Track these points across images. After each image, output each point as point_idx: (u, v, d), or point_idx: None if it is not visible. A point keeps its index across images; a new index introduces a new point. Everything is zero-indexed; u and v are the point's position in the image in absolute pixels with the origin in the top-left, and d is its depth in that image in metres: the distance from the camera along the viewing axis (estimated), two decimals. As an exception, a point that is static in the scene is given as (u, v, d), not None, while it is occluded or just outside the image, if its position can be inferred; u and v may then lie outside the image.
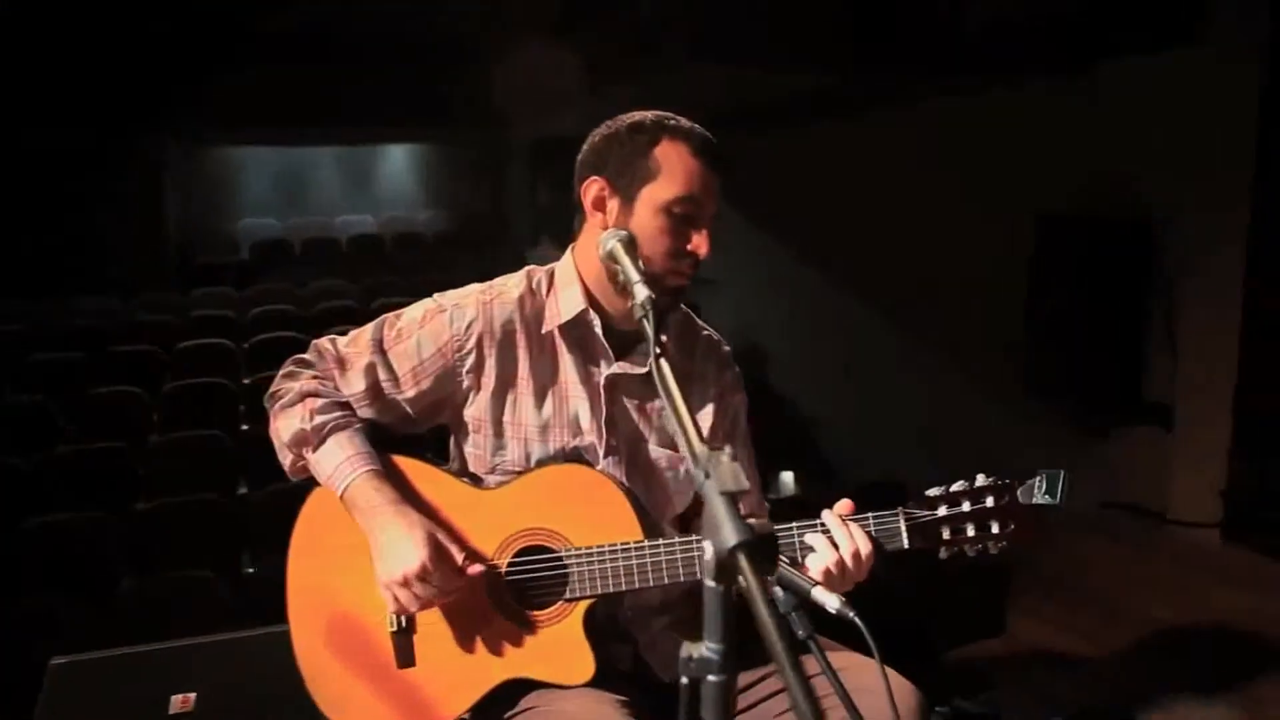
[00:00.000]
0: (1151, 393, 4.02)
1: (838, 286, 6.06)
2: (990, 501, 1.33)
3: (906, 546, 1.32)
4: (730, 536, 0.74)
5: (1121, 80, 3.99)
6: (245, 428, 4.42)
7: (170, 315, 6.63)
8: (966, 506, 1.33)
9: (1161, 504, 3.84)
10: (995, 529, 1.33)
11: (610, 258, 1.25)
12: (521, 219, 12.17)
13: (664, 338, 1.44)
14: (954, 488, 1.34)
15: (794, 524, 1.31)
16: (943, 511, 1.33)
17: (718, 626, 0.81)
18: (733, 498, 0.77)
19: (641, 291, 1.14)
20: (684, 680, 0.81)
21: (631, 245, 1.27)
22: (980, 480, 1.34)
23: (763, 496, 1.62)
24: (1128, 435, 4.07)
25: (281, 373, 1.44)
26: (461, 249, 11.64)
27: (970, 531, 1.33)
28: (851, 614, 1.07)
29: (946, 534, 1.33)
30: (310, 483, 1.42)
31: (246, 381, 4.85)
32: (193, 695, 2.02)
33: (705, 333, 1.55)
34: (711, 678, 0.81)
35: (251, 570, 3.46)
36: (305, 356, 1.45)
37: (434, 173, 13.57)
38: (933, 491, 1.35)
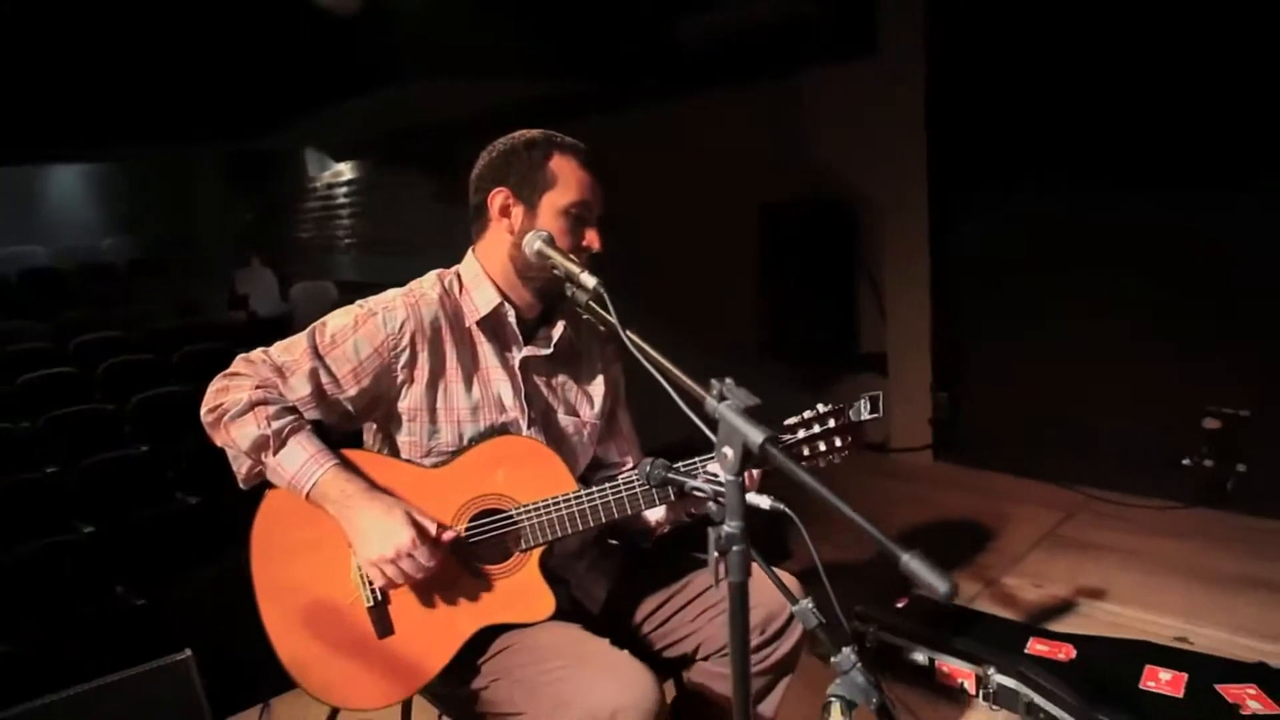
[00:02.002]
0: (867, 346, 4.79)
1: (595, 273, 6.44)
2: (832, 423, 1.70)
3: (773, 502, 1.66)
4: (757, 436, 1.02)
5: (821, 85, 4.70)
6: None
7: None
8: (817, 429, 1.69)
9: (884, 436, 4.61)
10: (838, 443, 1.70)
11: (540, 255, 1.49)
12: (221, 239, 11.42)
13: (562, 324, 1.70)
14: (805, 415, 1.70)
15: (696, 458, 1.61)
16: (801, 434, 1.69)
17: (737, 510, 1.09)
18: (750, 410, 1.06)
19: (590, 280, 1.39)
20: (714, 553, 1.09)
21: (552, 243, 1.52)
22: (821, 408, 1.71)
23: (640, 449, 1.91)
24: (851, 383, 4.80)
25: (214, 388, 1.51)
26: (159, 276, 10.77)
27: (822, 448, 1.69)
28: (783, 507, 1.39)
29: (806, 452, 1.69)
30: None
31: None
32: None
33: (585, 317, 1.81)
34: (736, 548, 1.09)
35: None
36: (236, 370, 1.53)
37: (113, 195, 12.36)
38: (790, 420, 1.70)
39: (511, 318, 1.63)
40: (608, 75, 5.82)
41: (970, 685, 2.38)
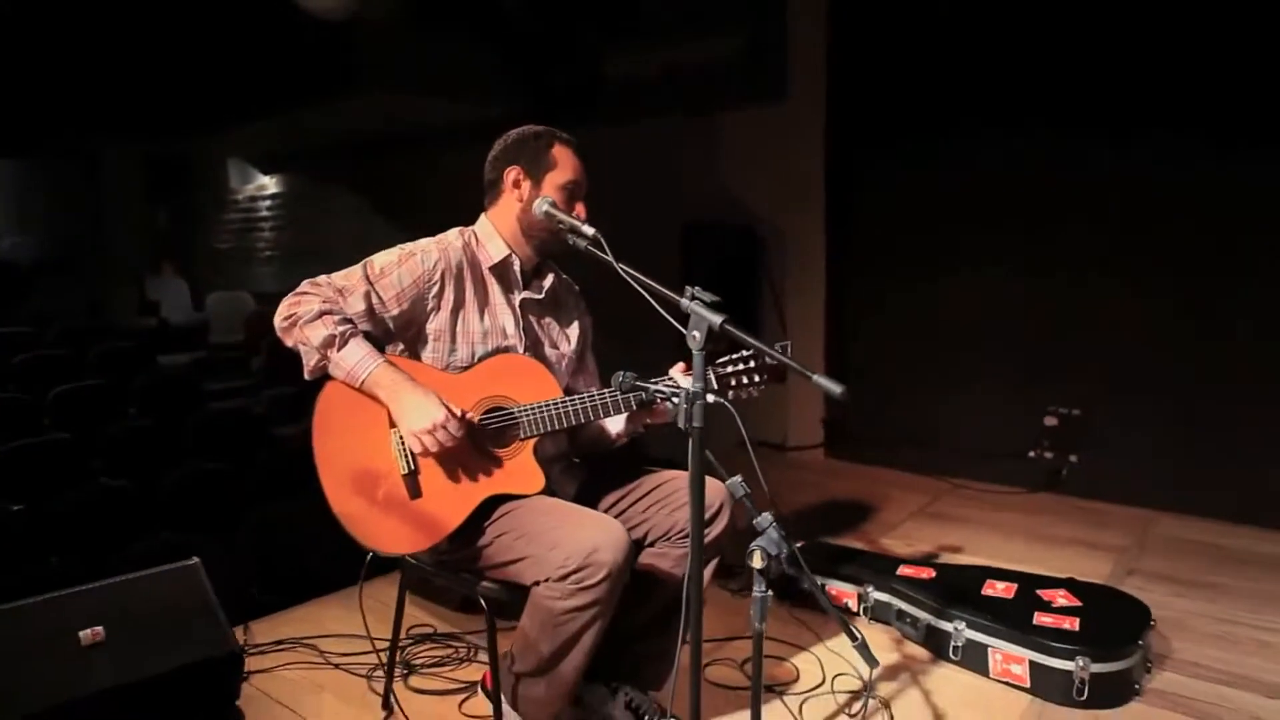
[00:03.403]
0: (769, 356, 5.39)
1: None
2: (753, 363, 2.23)
3: (716, 389, 2.17)
4: (717, 319, 1.54)
5: (737, 123, 5.34)
6: None
7: None
8: (742, 366, 2.21)
9: (781, 437, 5.21)
10: (758, 379, 2.22)
11: (549, 216, 1.99)
12: (132, 243, 11.35)
13: (551, 276, 2.19)
14: (732, 356, 2.22)
15: (651, 380, 2.10)
16: (729, 369, 2.20)
17: (700, 375, 1.60)
18: (712, 304, 1.57)
19: (589, 229, 1.89)
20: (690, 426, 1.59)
21: (556, 207, 2.01)
22: (745, 352, 2.23)
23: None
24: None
25: (287, 303, 1.94)
26: (65, 277, 10.67)
27: (744, 380, 2.21)
28: (725, 401, 1.89)
29: (732, 382, 2.20)
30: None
31: None
32: (100, 629, 2.28)
33: (563, 275, 2.31)
34: (698, 401, 1.59)
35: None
36: (304, 290, 1.96)
37: (12, 194, 12.12)
38: (721, 360, 2.23)
39: (516, 267, 2.12)
40: (540, 101, 6.33)
41: (853, 603, 2.93)
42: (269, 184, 10.27)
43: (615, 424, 2.21)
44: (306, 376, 1.96)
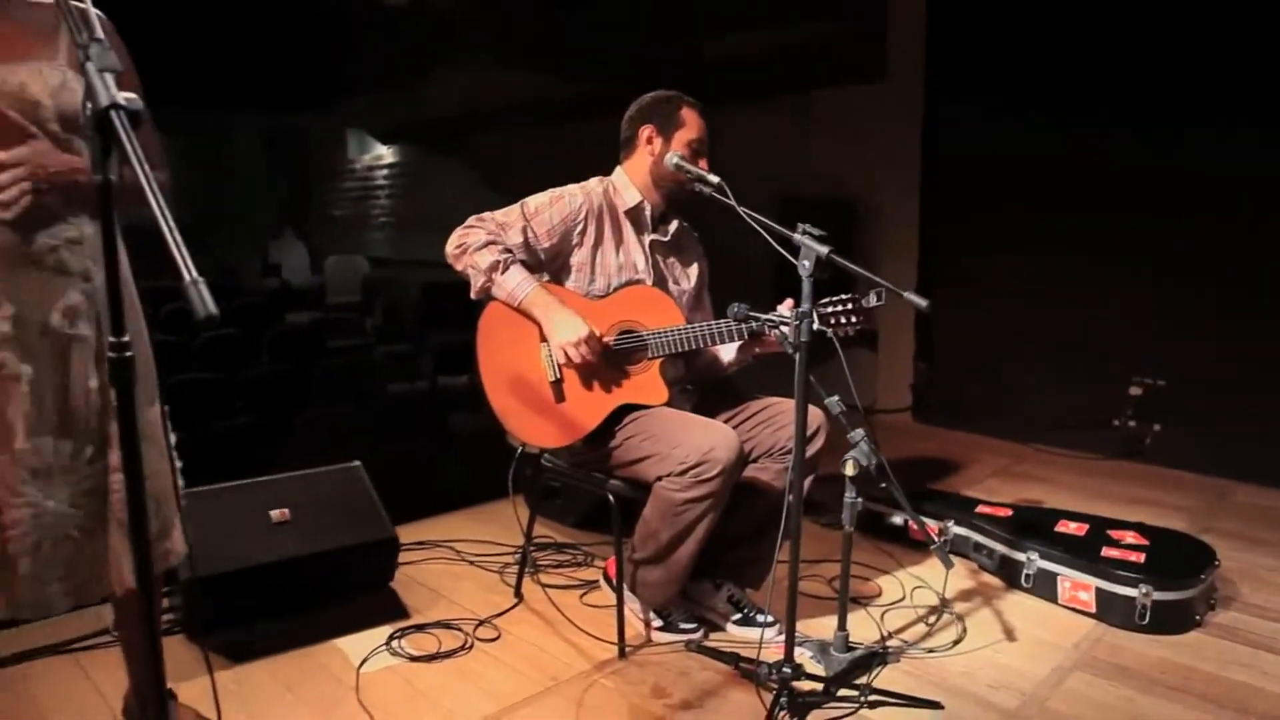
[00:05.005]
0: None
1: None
2: (850, 305, 2.51)
3: (818, 325, 2.46)
4: (824, 250, 1.84)
5: (833, 101, 5.58)
6: None
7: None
8: (841, 307, 2.50)
9: (871, 400, 5.45)
10: (854, 319, 2.50)
11: (678, 167, 2.32)
12: (257, 210, 12.12)
13: (676, 222, 2.52)
14: (833, 299, 2.50)
15: (762, 315, 2.41)
16: (830, 309, 2.48)
17: (808, 298, 1.90)
18: (820, 237, 1.87)
19: (714, 178, 2.21)
20: (798, 342, 1.90)
21: (685, 159, 2.34)
22: (844, 296, 2.52)
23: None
24: (846, 356, 5.63)
25: (457, 233, 2.33)
26: (199, 240, 11.46)
27: (843, 320, 2.50)
28: (828, 331, 2.19)
29: (832, 320, 2.49)
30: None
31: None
32: (287, 510, 2.71)
33: (685, 223, 2.63)
34: (805, 321, 1.90)
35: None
36: (471, 225, 2.34)
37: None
38: (823, 301, 2.52)
39: (647, 212, 2.45)
40: (642, 79, 6.64)
41: (934, 537, 3.19)
42: (385, 154, 10.87)
43: (727, 353, 2.53)
44: (473, 296, 2.34)
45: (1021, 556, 2.87)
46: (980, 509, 3.19)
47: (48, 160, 1.53)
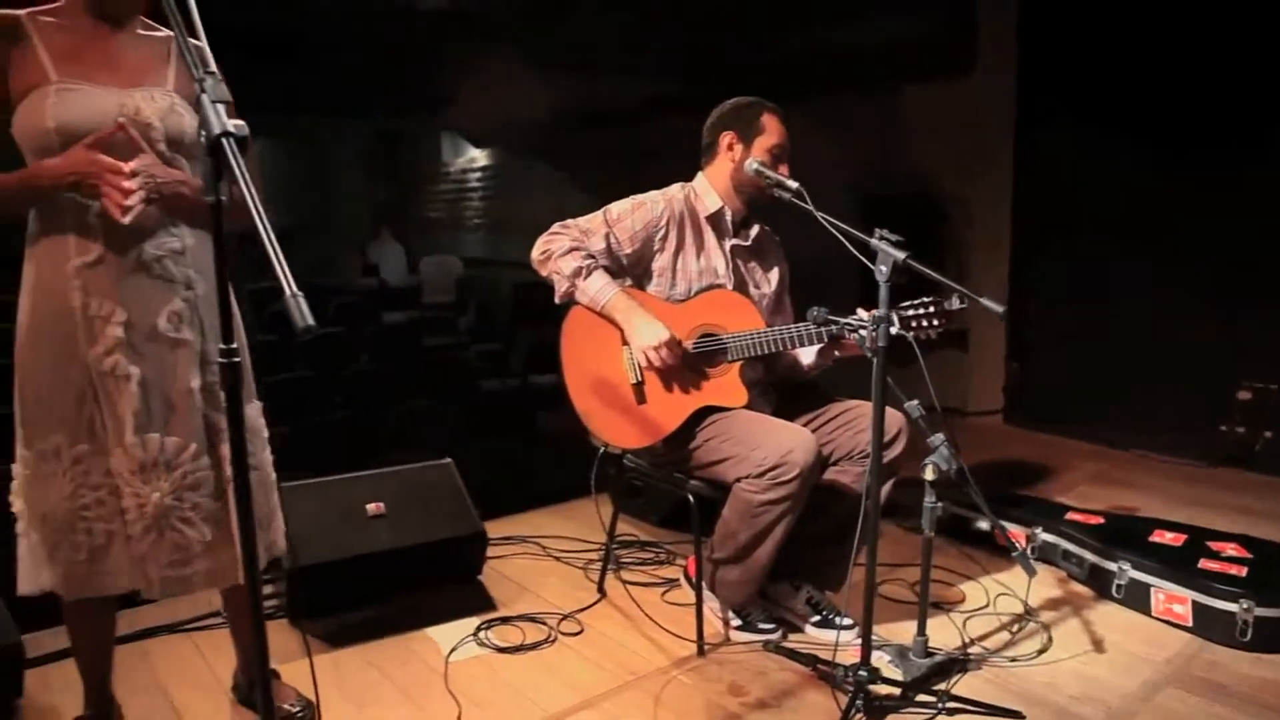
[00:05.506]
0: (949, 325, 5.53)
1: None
2: (932, 308, 2.48)
3: (898, 328, 2.45)
4: (901, 255, 1.84)
5: (919, 96, 5.48)
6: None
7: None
8: (923, 310, 2.48)
9: (962, 401, 5.35)
10: (936, 322, 2.48)
11: (758, 173, 2.34)
12: (355, 211, 12.55)
13: (757, 227, 2.54)
14: (914, 301, 2.49)
15: (841, 319, 2.42)
16: (910, 313, 2.47)
17: (886, 303, 1.91)
18: (897, 243, 1.87)
19: (793, 183, 2.23)
20: (876, 347, 1.91)
21: (765, 165, 2.36)
22: (926, 298, 2.50)
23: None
24: (937, 356, 5.54)
25: (542, 240, 2.40)
26: (301, 241, 11.98)
27: (924, 323, 2.48)
28: (909, 335, 2.19)
29: (913, 324, 2.47)
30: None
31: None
32: (381, 504, 2.84)
33: (766, 227, 2.65)
34: (883, 325, 1.90)
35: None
36: (555, 231, 2.41)
37: (262, 171, 13.65)
38: (904, 304, 2.50)
39: (728, 217, 2.49)
40: (728, 80, 6.64)
41: (1021, 543, 3.13)
42: (478, 157, 11.14)
43: (807, 356, 2.54)
44: (556, 301, 2.41)
45: (1113, 566, 2.79)
46: (1070, 515, 3.11)
47: (158, 172, 1.67)
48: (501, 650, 2.49)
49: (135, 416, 1.70)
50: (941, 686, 2.23)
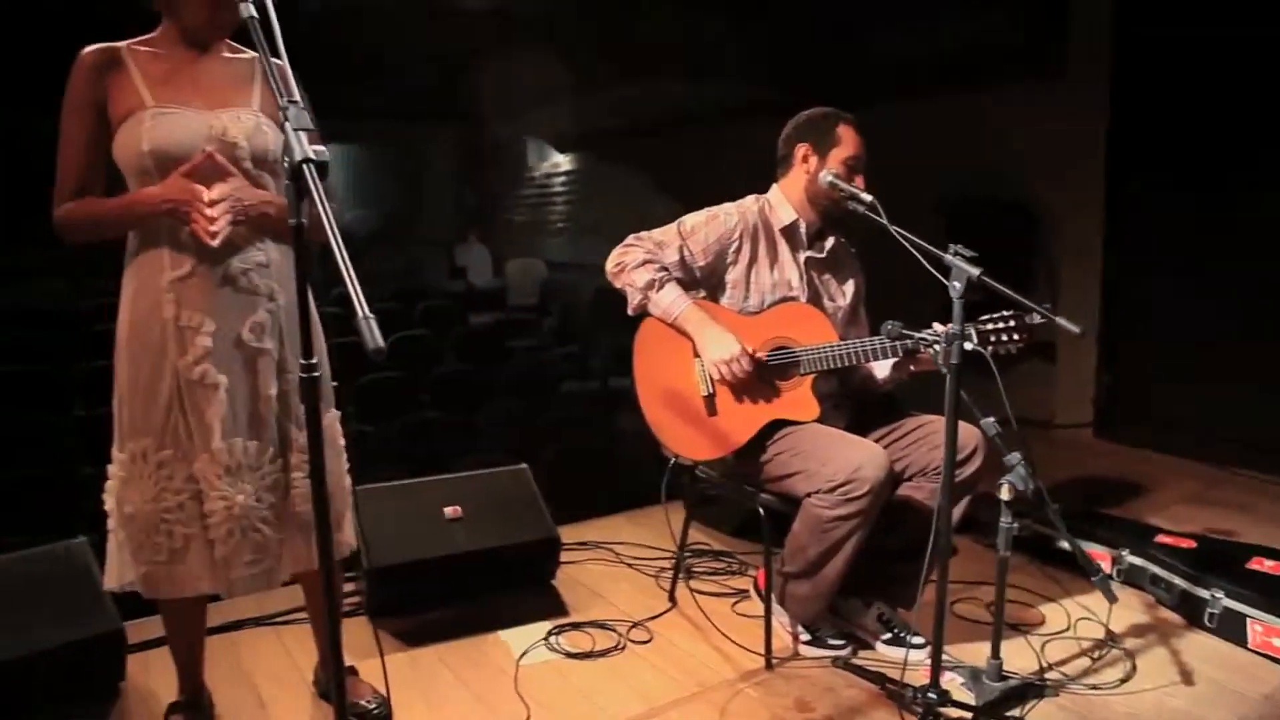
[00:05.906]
0: (1038, 335, 5.37)
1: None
2: (1013, 322, 2.41)
3: (976, 343, 2.39)
4: (975, 271, 1.81)
5: (1008, 100, 5.34)
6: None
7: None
8: (1002, 324, 2.41)
9: (1049, 414, 5.18)
10: (1016, 336, 2.41)
11: (832, 186, 2.32)
12: (442, 215, 12.87)
13: (832, 239, 2.52)
14: (994, 315, 2.42)
15: (915, 333, 2.37)
16: (990, 326, 2.40)
17: (959, 318, 1.87)
18: (971, 259, 1.84)
19: (867, 196, 2.21)
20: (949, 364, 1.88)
21: (839, 178, 2.34)
22: (1007, 312, 2.43)
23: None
24: (1025, 366, 5.38)
25: (617, 252, 2.43)
26: (390, 244, 12.35)
27: (1004, 338, 2.41)
28: (985, 351, 2.14)
29: (992, 338, 2.41)
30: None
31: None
32: (459, 507, 2.91)
33: (842, 239, 2.63)
34: (957, 342, 1.87)
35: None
36: (629, 244, 2.44)
37: (354, 175, 14.12)
38: (983, 318, 2.44)
39: (802, 230, 2.47)
40: (807, 84, 6.59)
41: (1107, 565, 3.02)
42: (563, 162, 11.29)
43: (881, 370, 2.51)
44: (629, 312, 2.44)
45: (1205, 593, 2.68)
46: (1160, 538, 2.99)
47: (244, 194, 1.77)
48: (571, 656, 2.53)
49: (222, 423, 1.80)
50: (1015, 713, 2.17)
